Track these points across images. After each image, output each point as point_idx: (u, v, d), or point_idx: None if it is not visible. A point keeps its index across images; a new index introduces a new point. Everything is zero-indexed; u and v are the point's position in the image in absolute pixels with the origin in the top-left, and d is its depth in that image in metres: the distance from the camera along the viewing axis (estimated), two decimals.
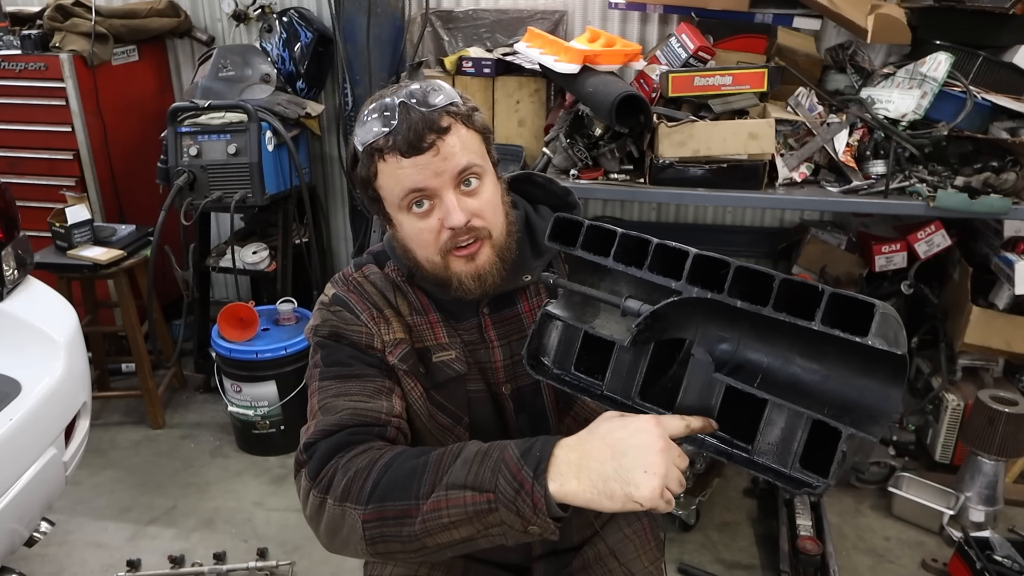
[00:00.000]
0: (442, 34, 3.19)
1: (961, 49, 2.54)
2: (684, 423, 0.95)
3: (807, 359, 0.94)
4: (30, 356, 2.02)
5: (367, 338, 1.19)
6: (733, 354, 0.99)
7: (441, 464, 0.99)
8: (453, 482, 0.96)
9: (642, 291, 1.03)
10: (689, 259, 0.96)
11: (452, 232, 1.12)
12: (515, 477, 0.93)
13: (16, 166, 3.22)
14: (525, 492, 0.92)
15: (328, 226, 3.71)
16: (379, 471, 1.01)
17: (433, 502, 0.96)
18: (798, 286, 0.87)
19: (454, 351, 1.23)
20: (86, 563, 2.47)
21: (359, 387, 1.15)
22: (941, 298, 2.91)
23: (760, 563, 2.46)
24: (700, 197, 2.52)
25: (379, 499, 0.99)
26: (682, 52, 2.69)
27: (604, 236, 1.04)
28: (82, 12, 3.13)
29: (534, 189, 1.34)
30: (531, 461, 0.93)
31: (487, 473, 0.95)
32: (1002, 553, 2.21)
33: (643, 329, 0.99)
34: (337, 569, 2.43)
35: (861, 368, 0.89)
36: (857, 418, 0.87)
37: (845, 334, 0.82)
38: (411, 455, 1.02)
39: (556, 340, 1.13)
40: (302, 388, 2.89)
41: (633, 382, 1.04)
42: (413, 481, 0.98)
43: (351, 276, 1.26)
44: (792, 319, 0.86)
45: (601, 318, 1.11)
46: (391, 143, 1.09)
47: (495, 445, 0.98)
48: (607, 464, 0.91)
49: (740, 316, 0.93)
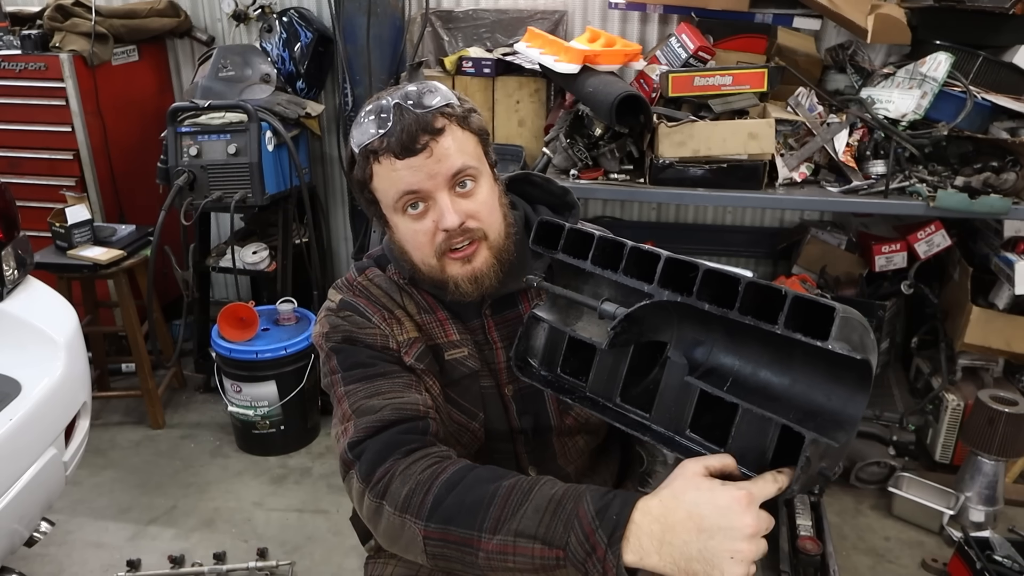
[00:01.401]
0: (442, 34, 3.19)
1: (961, 49, 2.54)
2: (776, 485, 0.87)
3: (776, 363, 0.93)
4: (30, 356, 2.02)
5: (382, 340, 1.18)
6: (707, 357, 0.99)
7: (510, 500, 0.95)
8: (523, 530, 0.92)
9: (621, 294, 1.03)
10: (660, 262, 0.95)
11: (447, 234, 1.12)
12: (588, 539, 0.88)
13: (16, 166, 3.22)
14: (597, 558, 0.87)
15: (328, 226, 3.71)
16: (441, 488, 0.98)
17: (500, 544, 0.93)
18: (764, 289, 0.86)
19: (466, 348, 1.23)
20: (86, 563, 2.47)
21: (389, 384, 1.14)
22: (941, 298, 2.91)
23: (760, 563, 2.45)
24: (700, 197, 2.52)
25: (442, 520, 0.96)
26: (682, 52, 2.69)
27: (584, 239, 1.05)
28: (82, 12, 3.12)
29: (532, 189, 1.33)
30: (607, 524, 0.88)
31: (559, 527, 0.90)
32: (1002, 553, 2.20)
33: (620, 332, 0.98)
34: (337, 569, 2.43)
35: (827, 373, 0.88)
36: (822, 423, 0.86)
37: (806, 338, 0.81)
38: (477, 479, 0.99)
39: (543, 342, 1.13)
40: (302, 388, 2.90)
41: (615, 384, 1.04)
42: (479, 512, 0.95)
43: (355, 280, 1.26)
44: (756, 322, 0.85)
45: (584, 320, 1.12)
46: (385, 144, 1.09)
47: (569, 493, 0.93)
48: (692, 545, 0.85)
49: (712, 320, 0.92)
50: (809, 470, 0.85)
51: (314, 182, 3.49)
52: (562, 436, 1.30)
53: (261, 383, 2.86)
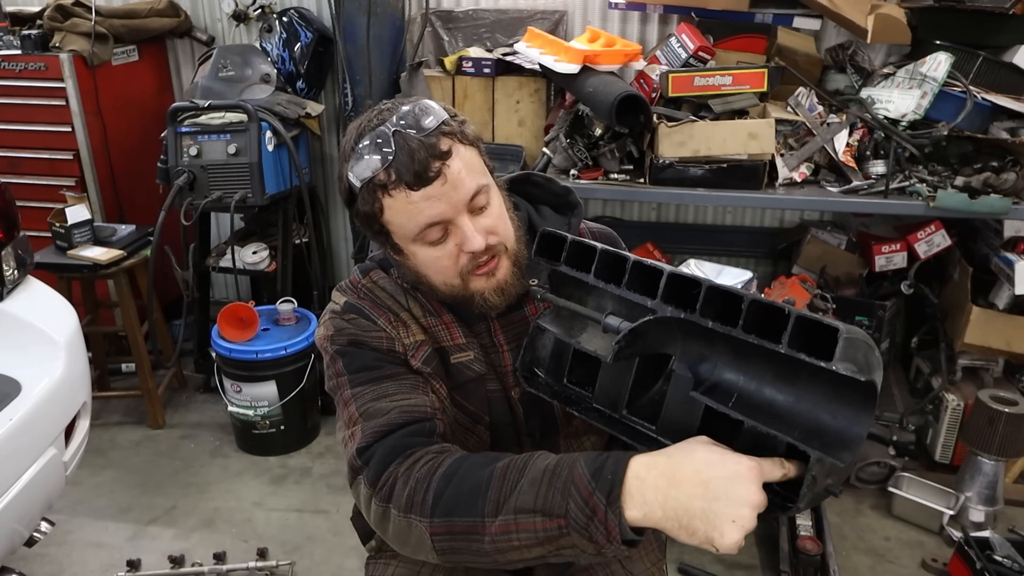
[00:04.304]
0: (442, 34, 3.19)
1: (961, 49, 2.54)
2: (782, 471, 0.87)
3: (780, 381, 0.93)
4: (30, 356, 2.02)
5: (388, 342, 1.17)
6: (712, 372, 0.98)
7: (506, 480, 0.94)
8: (521, 506, 0.92)
9: (624, 307, 1.03)
10: (663, 278, 0.95)
11: (471, 255, 1.11)
12: (587, 503, 0.88)
13: (16, 166, 3.22)
14: (598, 520, 0.87)
15: (328, 226, 3.71)
16: (440, 481, 0.98)
17: (502, 524, 0.92)
18: (767, 307, 0.86)
19: (472, 352, 1.22)
20: (86, 563, 2.47)
21: (396, 386, 1.12)
22: (941, 298, 2.91)
23: (760, 563, 2.46)
24: (700, 197, 2.52)
25: (444, 513, 0.96)
26: (682, 52, 2.69)
27: (587, 252, 1.04)
28: (82, 12, 3.12)
29: (534, 189, 1.32)
30: (603, 485, 0.87)
31: (556, 496, 0.90)
32: (1002, 553, 2.20)
33: (624, 346, 0.98)
34: (337, 569, 2.43)
35: (831, 392, 0.88)
36: (827, 442, 0.86)
37: (810, 358, 0.81)
38: (473, 465, 0.99)
39: (549, 352, 1.13)
40: (302, 388, 2.90)
41: (621, 396, 1.04)
42: (478, 497, 0.94)
43: (359, 283, 1.24)
44: (760, 341, 0.85)
45: (589, 332, 1.12)
46: (394, 177, 1.05)
47: (563, 462, 0.93)
48: (696, 502, 0.85)
49: (716, 336, 0.92)
50: (815, 488, 0.85)
51: (314, 182, 3.49)
52: (569, 438, 1.29)
53: (261, 383, 2.86)
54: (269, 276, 3.22)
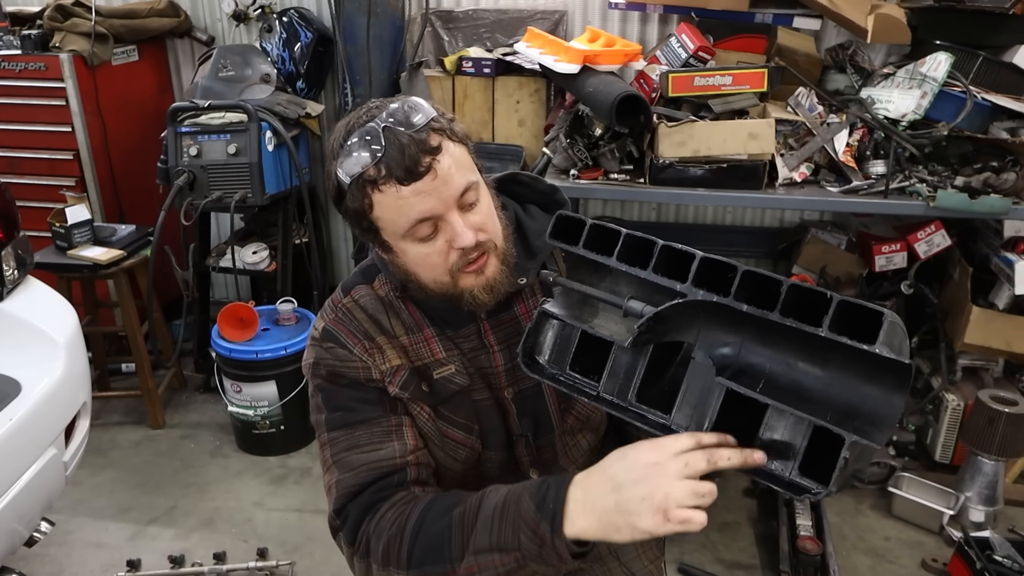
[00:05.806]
0: (442, 34, 3.19)
1: (961, 49, 2.54)
2: (693, 440, 0.91)
3: (810, 365, 0.93)
4: (30, 356, 2.02)
5: (364, 372, 1.17)
6: (735, 358, 0.98)
7: (464, 525, 1.02)
8: (479, 547, 0.99)
9: (643, 292, 1.02)
10: (696, 262, 0.94)
11: (461, 252, 1.10)
12: (535, 533, 0.96)
13: (16, 166, 3.22)
14: (548, 547, 0.95)
15: (328, 226, 3.71)
16: (411, 535, 1.05)
17: (467, 567, 1.00)
18: (804, 292, 0.87)
19: (453, 365, 1.21)
20: (86, 563, 2.47)
21: (367, 435, 1.15)
22: (941, 298, 2.91)
23: (760, 563, 2.46)
24: (700, 197, 2.52)
25: (418, 564, 1.04)
26: (682, 52, 2.69)
27: (607, 235, 1.03)
28: (82, 12, 3.13)
29: (521, 189, 1.32)
30: (547, 514, 0.95)
31: (508, 532, 0.98)
32: (1002, 553, 2.21)
33: (644, 331, 0.97)
34: (337, 569, 2.43)
35: (865, 375, 0.88)
36: (860, 425, 0.86)
37: (853, 342, 0.82)
38: (437, 513, 1.05)
39: (552, 339, 1.12)
40: (302, 388, 2.89)
41: (630, 384, 1.02)
42: (444, 547, 1.02)
43: (340, 303, 1.23)
44: (799, 325, 0.85)
45: (600, 318, 1.10)
46: (384, 172, 1.05)
47: (509, 498, 1.00)
48: (608, 498, 0.92)
49: (744, 320, 0.92)
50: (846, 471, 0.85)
51: (314, 182, 3.49)
52: (564, 436, 1.29)
53: (261, 383, 2.86)
54: (269, 276, 3.22)
